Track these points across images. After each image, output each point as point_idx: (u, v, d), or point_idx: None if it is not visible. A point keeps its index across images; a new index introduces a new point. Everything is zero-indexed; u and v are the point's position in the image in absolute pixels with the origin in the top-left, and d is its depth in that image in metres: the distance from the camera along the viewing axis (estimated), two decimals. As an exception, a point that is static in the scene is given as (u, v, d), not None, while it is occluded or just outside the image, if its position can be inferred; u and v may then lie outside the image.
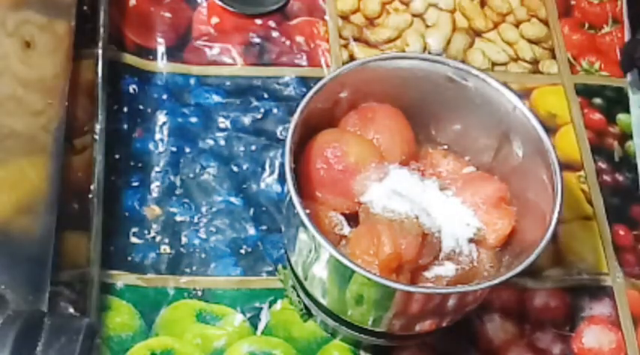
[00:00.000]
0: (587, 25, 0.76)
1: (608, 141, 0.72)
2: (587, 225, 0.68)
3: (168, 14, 0.72)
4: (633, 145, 0.71)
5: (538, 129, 0.57)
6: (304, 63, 0.71)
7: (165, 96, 0.69)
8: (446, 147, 0.62)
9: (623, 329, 0.64)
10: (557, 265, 0.66)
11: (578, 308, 0.65)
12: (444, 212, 0.57)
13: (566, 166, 0.69)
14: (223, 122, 0.68)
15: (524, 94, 0.72)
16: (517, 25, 0.76)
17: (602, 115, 0.73)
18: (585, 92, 0.73)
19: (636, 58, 0.72)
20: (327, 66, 0.71)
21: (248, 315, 0.62)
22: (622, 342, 0.64)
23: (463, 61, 0.72)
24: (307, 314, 0.62)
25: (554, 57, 0.75)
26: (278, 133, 0.68)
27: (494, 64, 0.74)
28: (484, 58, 0.73)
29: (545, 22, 0.76)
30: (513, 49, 0.75)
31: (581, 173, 0.70)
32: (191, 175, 0.66)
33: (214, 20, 0.72)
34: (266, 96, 0.70)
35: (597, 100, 0.73)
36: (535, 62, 0.74)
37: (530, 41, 0.75)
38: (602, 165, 0.70)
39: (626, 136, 0.72)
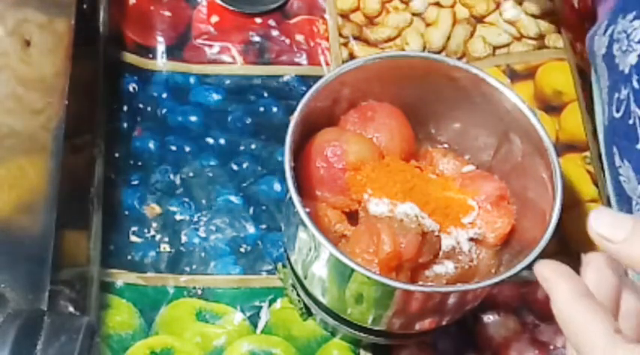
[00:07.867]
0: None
1: None
2: (592, 209, 0.66)
3: (168, 13, 0.72)
4: None
5: (538, 128, 0.56)
6: (304, 61, 0.71)
7: (165, 95, 0.69)
8: (446, 145, 0.62)
9: None
10: (560, 253, 0.65)
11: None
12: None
13: (571, 147, 0.69)
14: (223, 121, 0.68)
15: (528, 74, 0.71)
16: (520, 2, 0.75)
17: None
18: (584, 74, 0.71)
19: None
20: (327, 64, 0.71)
21: (248, 314, 0.62)
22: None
23: (462, 58, 0.72)
24: (307, 312, 0.62)
25: (559, 31, 0.74)
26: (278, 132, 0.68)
27: (495, 48, 0.73)
28: (485, 45, 0.73)
29: None
30: (516, 28, 0.74)
31: (587, 154, 0.69)
32: (191, 174, 0.66)
33: (214, 19, 0.72)
34: (266, 94, 0.70)
35: None
36: (541, 37, 0.73)
37: (535, 16, 0.74)
38: None
39: None
